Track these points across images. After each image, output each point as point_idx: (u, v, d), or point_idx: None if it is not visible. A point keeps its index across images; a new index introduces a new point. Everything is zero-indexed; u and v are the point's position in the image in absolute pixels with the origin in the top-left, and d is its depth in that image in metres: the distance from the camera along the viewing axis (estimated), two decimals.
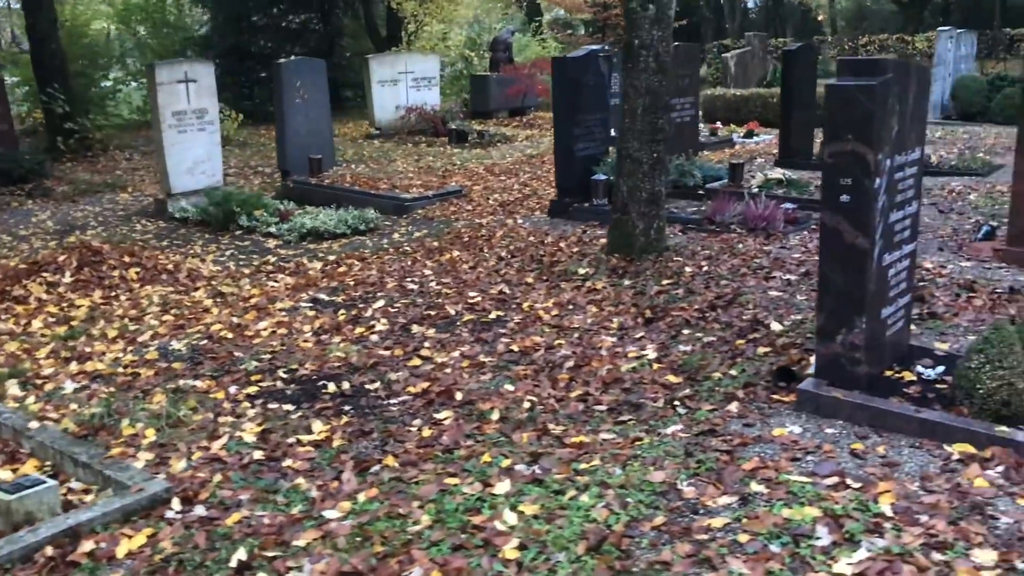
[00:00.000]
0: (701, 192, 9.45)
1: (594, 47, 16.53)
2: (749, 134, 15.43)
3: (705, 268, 6.45)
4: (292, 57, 11.51)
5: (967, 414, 3.82)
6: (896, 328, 4.35)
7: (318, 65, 11.33)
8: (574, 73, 8.58)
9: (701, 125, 15.63)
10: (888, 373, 4.28)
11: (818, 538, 3.04)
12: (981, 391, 3.77)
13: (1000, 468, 3.48)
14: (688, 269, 6.45)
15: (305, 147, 11.14)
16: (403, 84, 17.35)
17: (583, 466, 3.69)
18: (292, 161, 11.11)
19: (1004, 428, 3.66)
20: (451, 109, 17.48)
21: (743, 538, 3.06)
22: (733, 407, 4.21)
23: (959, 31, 17.29)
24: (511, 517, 3.29)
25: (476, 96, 19.38)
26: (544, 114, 18.51)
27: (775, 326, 5.22)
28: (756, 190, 9.28)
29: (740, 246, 7.13)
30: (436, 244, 7.95)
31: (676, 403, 4.30)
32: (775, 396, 4.29)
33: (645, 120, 6.67)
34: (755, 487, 3.41)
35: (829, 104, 3.91)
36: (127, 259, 7.29)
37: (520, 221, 8.72)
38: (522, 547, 3.08)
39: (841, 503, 3.25)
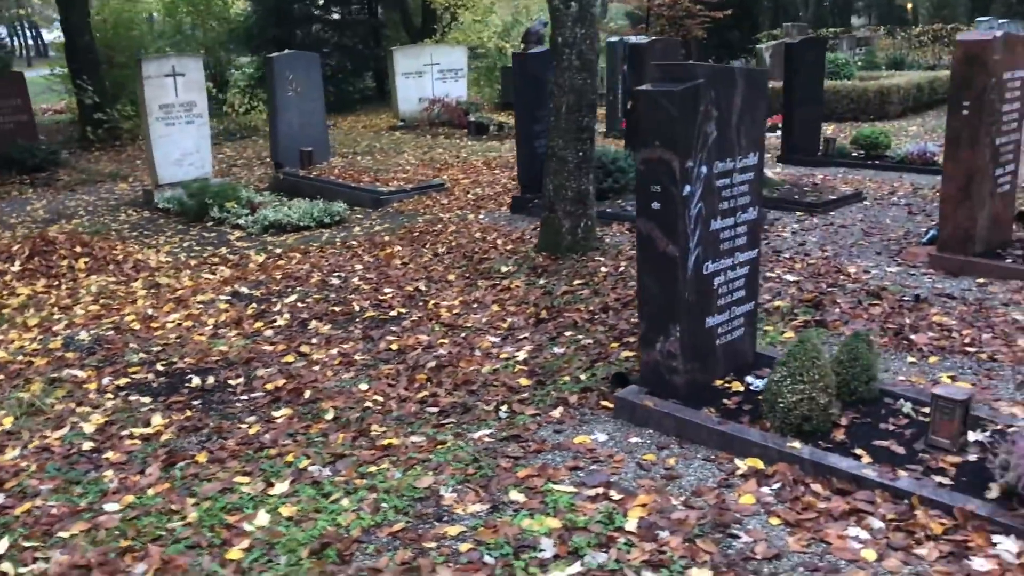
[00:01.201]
0: None
1: (612, 39, 16.40)
2: (772, 128, 15.10)
3: (622, 269, 6.37)
4: (285, 51, 11.64)
5: (769, 428, 3.72)
6: (733, 337, 4.26)
7: (311, 59, 11.49)
8: (534, 69, 8.53)
9: None
10: (719, 382, 4.19)
11: (542, 550, 3.02)
12: (782, 405, 3.67)
13: (777, 485, 3.40)
14: (604, 269, 6.38)
15: (298, 140, 11.33)
16: (428, 76, 17.47)
17: (371, 469, 3.72)
18: (285, 153, 11.30)
19: (795, 444, 3.56)
20: (475, 101, 17.52)
21: (464, 547, 3.05)
22: (557, 412, 4.18)
23: (1001, 20, 16.61)
24: (264, 519, 3.34)
25: (506, 87, 19.36)
26: None
27: None
28: None
29: None
30: (386, 239, 8.02)
31: (504, 407, 4.29)
32: (604, 402, 4.24)
33: (570, 119, 6.61)
34: (514, 496, 3.39)
35: (637, 109, 3.85)
36: (78, 249, 7.54)
37: (482, 217, 8.73)
38: (250, 548, 3.13)
39: (588, 515, 3.22)
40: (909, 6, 41.88)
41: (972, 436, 3.56)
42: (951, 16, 33.80)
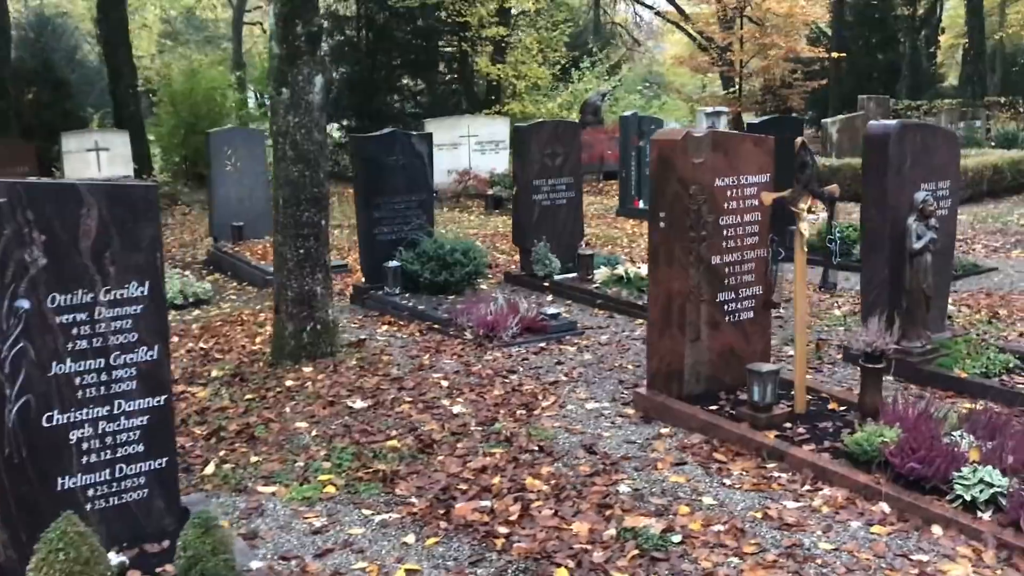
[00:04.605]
0: (546, 284, 8.48)
1: (626, 113, 15.51)
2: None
3: (323, 383, 5.69)
4: (227, 126, 11.64)
5: None
6: (125, 500, 3.53)
7: (253, 135, 11.43)
8: (374, 152, 8.01)
9: None
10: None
11: None
12: None
13: None
14: (289, 383, 5.73)
15: (235, 214, 11.20)
16: (464, 148, 17.20)
17: None
18: (220, 227, 11.21)
19: None
20: (505, 174, 17.03)
21: None
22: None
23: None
24: None
25: None
26: (614, 181, 17.59)
27: None
28: (597, 286, 8.18)
29: (423, 357, 6.27)
30: (185, 328, 7.63)
31: None
32: None
33: (287, 213, 6.04)
34: None
35: None
36: None
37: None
38: None
39: None
40: None
41: None
42: None
